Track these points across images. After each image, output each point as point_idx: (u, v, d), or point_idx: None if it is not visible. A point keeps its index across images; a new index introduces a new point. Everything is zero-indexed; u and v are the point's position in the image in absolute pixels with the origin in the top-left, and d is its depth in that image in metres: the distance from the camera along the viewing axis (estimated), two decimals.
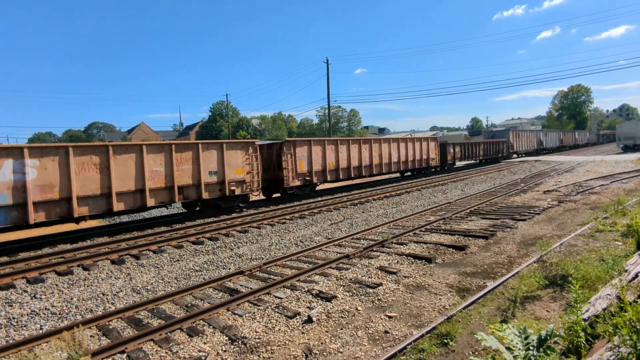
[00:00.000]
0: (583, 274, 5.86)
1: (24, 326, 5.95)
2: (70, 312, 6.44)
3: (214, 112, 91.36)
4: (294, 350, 4.82)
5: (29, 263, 9.16)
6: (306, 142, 18.83)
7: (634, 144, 46.38)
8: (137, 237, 11.37)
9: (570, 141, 64.75)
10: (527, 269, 7.01)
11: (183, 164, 13.63)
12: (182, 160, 13.59)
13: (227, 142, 15.21)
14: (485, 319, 5.28)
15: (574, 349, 3.89)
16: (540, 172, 25.78)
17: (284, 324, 5.52)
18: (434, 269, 7.70)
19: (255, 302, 6.30)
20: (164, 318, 5.95)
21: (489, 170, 28.98)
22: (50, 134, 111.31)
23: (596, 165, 28.32)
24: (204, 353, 4.82)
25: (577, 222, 10.83)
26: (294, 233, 11.50)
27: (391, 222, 11.97)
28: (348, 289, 6.69)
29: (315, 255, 8.93)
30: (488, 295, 6.10)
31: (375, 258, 8.36)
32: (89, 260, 9.23)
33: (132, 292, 7.28)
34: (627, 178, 19.97)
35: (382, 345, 4.85)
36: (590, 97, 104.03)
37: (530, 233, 10.01)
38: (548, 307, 5.59)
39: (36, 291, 7.43)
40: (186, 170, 13.71)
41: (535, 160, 38.93)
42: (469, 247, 8.99)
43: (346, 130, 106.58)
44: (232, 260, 9.01)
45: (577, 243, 8.59)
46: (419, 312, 5.77)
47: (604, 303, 4.48)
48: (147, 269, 8.68)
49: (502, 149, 40.65)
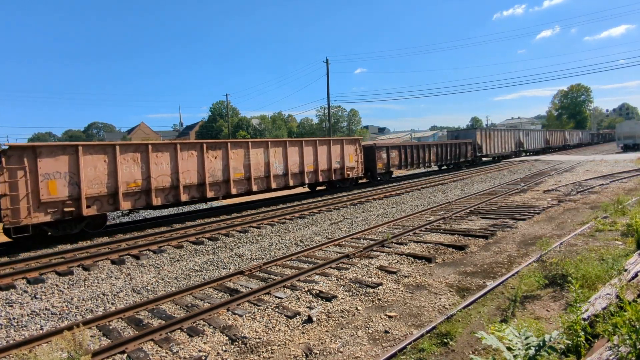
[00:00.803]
0: (583, 274, 5.86)
1: (24, 326, 5.95)
2: (70, 312, 6.44)
3: (214, 112, 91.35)
4: (294, 350, 4.82)
5: (29, 263, 9.16)
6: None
7: (634, 143, 46.39)
8: (137, 237, 11.37)
9: (559, 141, 58.05)
10: (527, 268, 7.02)
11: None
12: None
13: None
14: (485, 319, 5.28)
15: (573, 348, 3.89)
16: (540, 172, 25.79)
17: (284, 323, 5.53)
18: (434, 268, 7.70)
19: (255, 302, 6.30)
20: (164, 318, 5.95)
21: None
22: (50, 134, 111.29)
23: (596, 165, 28.32)
24: (204, 353, 4.82)
25: (577, 222, 10.83)
26: (294, 233, 11.50)
27: (391, 222, 11.97)
28: (348, 289, 6.69)
29: (315, 255, 8.94)
30: (488, 294, 6.10)
31: (375, 258, 8.37)
32: (89, 261, 9.23)
33: (132, 292, 7.28)
34: (627, 177, 19.98)
35: (382, 345, 4.86)
36: (590, 96, 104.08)
37: (530, 232, 10.01)
38: (548, 306, 5.60)
39: (36, 291, 7.44)
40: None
41: (535, 159, 38.87)
42: (469, 246, 9.00)
43: (346, 130, 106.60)
44: (232, 260, 9.02)
45: (577, 242, 8.60)
46: (419, 311, 5.77)
47: (603, 302, 4.48)
48: (147, 269, 8.68)
49: (464, 153, 32.86)
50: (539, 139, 50.82)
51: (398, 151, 25.28)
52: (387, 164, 24.19)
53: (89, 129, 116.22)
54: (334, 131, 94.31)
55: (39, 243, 11.05)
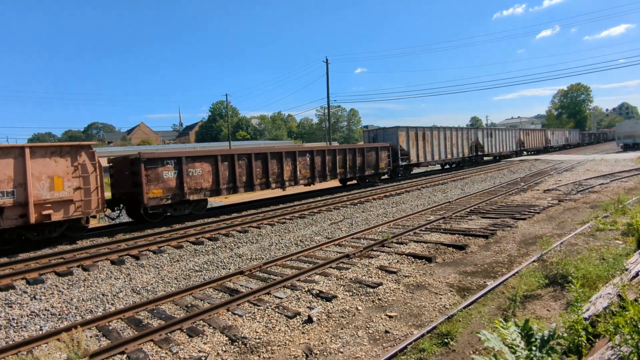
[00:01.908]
0: (583, 273, 5.85)
1: (23, 327, 5.93)
2: (70, 312, 6.42)
3: (214, 112, 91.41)
4: (295, 350, 4.81)
5: (28, 264, 9.15)
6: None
7: (634, 143, 46.40)
8: (137, 237, 11.36)
9: (538, 143, 47.07)
10: (528, 268, 7.01)
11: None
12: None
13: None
14: (485, 318, 5.27)
15: (574, 348, 3.88)
16: (540, 171, 25.78)
17: (284, 324, 5.51)
18: (434, 268, 7.69)
19: (255, 302, 6.29)
20: (164, 318, 5.94)
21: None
22: (50, 134, 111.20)
23: (596, 164, 28.31)
24: (204, 353, 4.81)
25: (577, 221, 10.82)
26: (294, 233, 11.49)
27: (391, 222, 11.96)
28: (348, 289, 6.68)
29: (315, 255, 8.92)
30: (488, 294, 6.09)
31: (376, 257, 8.35)
32: (89, 261, 9.21)
33: (132, 293, 7.27)
34: (627, 176, 19.97)
35: (383, 345, 4.84)
36: (590, 95, 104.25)
37: (530, 232, 10.00)
38: (548, 306, 5.58)
39: (36, 292, 7.42)
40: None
41: (534, 159, 38.79)
42: (469, 246, 8.98)
43: (345, 130, 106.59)
44: (232, 261, 9.00)
45: (577, 242, 8.58)
46: (420, 311, 5.76)
47: (604, 302, 4.47)
48: (147, 269, 8.67)
49: (372, 163, 22.43)
50: (508, 140, 40.75)
51: (244, 162, 15.59)
52: (218, 186, 14.64)
53: (89, 129, 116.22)
54: (334, 131, 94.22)
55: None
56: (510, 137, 41.48)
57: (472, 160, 34.42)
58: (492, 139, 37.31)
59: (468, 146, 33.20)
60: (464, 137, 32.65)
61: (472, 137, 34.10)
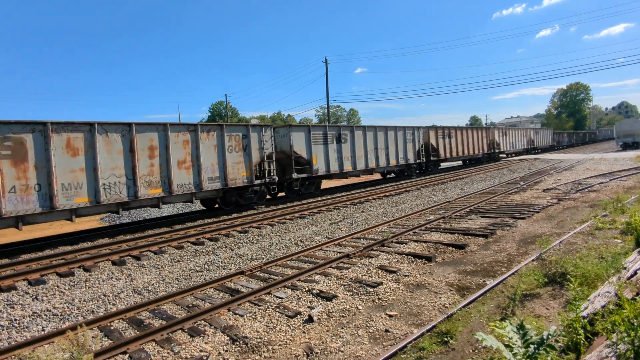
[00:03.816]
0: (582, 272, 5.88)
1: (25, 328, 5.97)
2: (71, 313, 6.46)
3: (213, 112, 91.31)
4: (295, 349, 4.84)
5: (30, 265, 9.18)
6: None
7: (633, 142, 46.43)
8: (138, 238, 11.39)
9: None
10: (527, 267, 7.04)
11: None
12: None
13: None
14: (485, 317, 5.31)
15: (573, 346, 3.92)
16: (539, 170, 25.81)
17: (285, 323, 5.55)
18: (434, 267, 7.73)
19: (256, 302, 6.32)
20: (165, 318, 5.97)
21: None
22: None
23: (595, 163, 28.35)
24: (206, 353, 4.84)
25: (577, 220, 10.86)
26: (294, 233, 11.52)
27: (391, 221, 12.00)
28: (348, 289, 6.71)
29: (315, 255, 8.96)
30: (488, 293, 6.13)
31: (376, 257, 8.39)
32: (90, 262, 9.25)
33: (133, 293, 7.30)
34: (626, 175, 20.00)
35: (383, 344, 4.88)
36: (590, 94, 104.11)
37: (529, 231, 10.04)
38: (547, 304, 5.62)
39: (37, 293, 7.45)
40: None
41: (534, 158, 38.83)
42: (469, 245, 9.02)
43: None
44: (233, 261, 9.04)
45: (576, 241, 8.62)
46: (419, 310, 5.79)
47: (602, 300, 4.51)
48: (148, 269, 8.70)
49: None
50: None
51: None
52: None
53: None
54: None
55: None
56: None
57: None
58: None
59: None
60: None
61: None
